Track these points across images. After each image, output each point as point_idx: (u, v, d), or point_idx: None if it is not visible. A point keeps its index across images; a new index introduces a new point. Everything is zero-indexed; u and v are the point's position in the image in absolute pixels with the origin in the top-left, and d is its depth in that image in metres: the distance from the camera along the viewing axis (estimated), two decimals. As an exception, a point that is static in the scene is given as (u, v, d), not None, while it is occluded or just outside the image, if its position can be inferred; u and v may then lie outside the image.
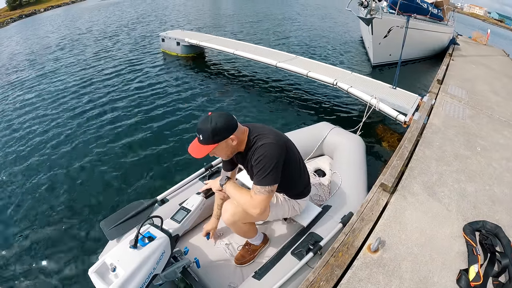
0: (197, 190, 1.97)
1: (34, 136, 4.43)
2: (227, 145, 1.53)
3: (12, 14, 28.44)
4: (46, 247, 2.66)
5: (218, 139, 1.47)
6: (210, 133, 1.44)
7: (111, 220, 1.98)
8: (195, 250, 2.08)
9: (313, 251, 1.75)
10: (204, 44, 7.08)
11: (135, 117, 4.80)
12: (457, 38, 11.01)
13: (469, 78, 6.00)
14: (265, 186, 1.49)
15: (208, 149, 1.48)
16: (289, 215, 1.94)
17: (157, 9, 17.64)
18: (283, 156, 1.55)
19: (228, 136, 1.49)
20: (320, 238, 1.86)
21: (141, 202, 2.15)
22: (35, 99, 5.80)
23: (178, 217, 1.70)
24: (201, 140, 1.49)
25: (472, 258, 1.73)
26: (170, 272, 1.56)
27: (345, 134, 2.96)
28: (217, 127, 1.45)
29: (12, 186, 3.43)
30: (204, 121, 1.48)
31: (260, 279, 1.66)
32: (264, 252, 2.08)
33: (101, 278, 1.31)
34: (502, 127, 3.77)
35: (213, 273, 1.93)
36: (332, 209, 2.10)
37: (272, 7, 19.86)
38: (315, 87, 6.06)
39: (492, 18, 63.04)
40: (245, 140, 1.58)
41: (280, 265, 1.73)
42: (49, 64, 8.06)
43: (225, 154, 1.60)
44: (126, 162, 3.72)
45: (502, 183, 2.60)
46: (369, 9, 6.31)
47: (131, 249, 1.39)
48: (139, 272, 1.33)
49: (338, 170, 2.51)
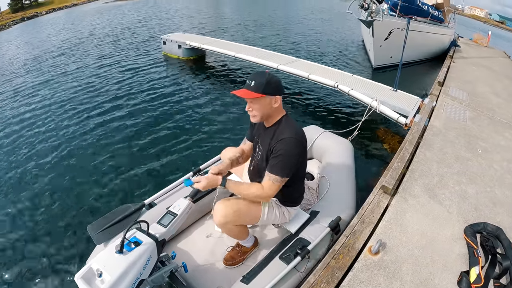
0: (185, 194, 1.95)
1: (26, 138, 4.44)
2: (269, 104, 1.61)
3: (14, 16, 28.60)
4: (33, 251, 2.64)
5: (267, 91, 1.56)
6: (264, 82, 1.55)
7: (99, 224, 1.96)
8: (183, 255, 2.07)
9: (300, 255, 1.75)
10: (205, 47, 7.11)
11: (130, 119, 4.81)
12: (458, 40, 11.01)
13: (470, 80, 6.01)
14: (283, 177, 1.59)
15: (255, 95, 1.55)
16: (278, 222, 1.93)
17: (158, 12, 17.72)
18: (301, 157, 1.65)
19: (276, 94, 1.60)
20: (308, 242, 1.85)
21: (129, 206, 2.14)
22: (30, 101, 5.82)
23: (165, 221, 1.69)
24: (251, 86, 1.56)
25: (473, 260, 1.73)
26: (157, 277, 1.56)
27: (334, 138, 2.96)
28: (272, 81, 1.58)
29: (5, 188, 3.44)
30: (260, 72, 1.61)
31: (248, 283, 1.66)
32: (253, 255, 2.08)
33: (88, 283, 1.31)
34: (503, 129, 3.78)
35: (201, 277, 1.92)
36: (320, 214, 2.09)
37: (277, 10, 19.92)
38: (316, 90, 6.08)
39: (493, 19, 62.98)
40: (278, 116, 1.69)
41: (268, 269, 1.73)
42: (48, 67, 8.10)
43: (261, 113, 1.63)
44: (115, 165, 3.70)
45: (503, 185, 2.60)
46: (370, 12, 6.33)
47: (117, 254, 1.39)
48: (126, 277, 1.33)
49: (326, 174, 2.50)
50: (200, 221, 2.37)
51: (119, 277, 1.31)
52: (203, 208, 2.32)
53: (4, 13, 31.85)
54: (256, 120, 1.68)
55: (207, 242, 2.19)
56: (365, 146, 4.12)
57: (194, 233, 2.27)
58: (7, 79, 7.53)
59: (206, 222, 2.35)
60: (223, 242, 2.16)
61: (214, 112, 5.12)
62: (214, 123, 4.75)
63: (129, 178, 3.46)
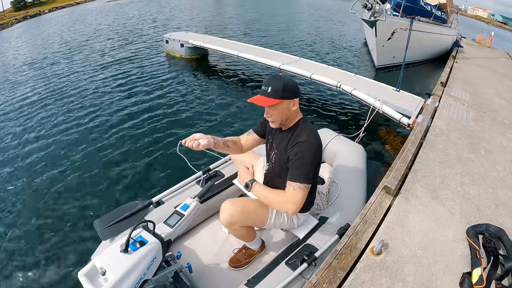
0: (193, 193, 1.94)
1: (34, 135, 4.48)
2: (287, 108, 1.58)
3: (17, 15, 28.61)
4: (38, 244, 2.68)
5: (285, 95, 1.53)
6: (281, 87, 1.51)
7: (105, 220, 1.96)
8: (188, 255, 2.06)
9: (307, 262, 1.73)
10: (207, 46, 7.11)
11: (136, 117, 4.83)
12: (461, 40, 10.98)
13: (473, 80, 5.99)
14: (306, 184, 1.53)
15: (274, 102, 1.52)
16: (286, 227, 1.91)
17: (161, 11, 17.73)
18: (318, 160, 1.63)
19: (293, 98, 1.57)
20: (316, 249, 1.83)
21: (136, 203, 2.14)
22: (35, 98, 5.87)
23: (171, 221, 1.67)
24: (268, 93, 1.53)
25: (475, 261, 1.73)
26: (162, 277, 1.55)
27: (346, 142, 2.89)
28: (289, 84, 1.54)
29: (7, 184, 3.47)
30: (275, 77, 1.56)
31: (252, 287, 1.64)
32: (258, 259, 2.06)
33: (91, 281, 1.30)
34: (506, 130, 3.76)
35: (205, 278, 1.91)
36: (329, 220, 2.06)
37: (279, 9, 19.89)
38: (319, 89, 6.07)
39: (496, 20, 62.71)
40: (295, 119, 1.67)
41: (273, 275, 1.70)
42: (50, 64, 8.15)
43: (280, 118, 1.61)
44: (122, 162, 3.74)
45: (506, 186, 2.59)
46: (373, 12, 6.32)
47: (122, 253, 1.38)
48: (129, 277, 1.32)
49: (337, 179, 2.44)
50: (207, 222, 2.36)
51: (123, 277, 1.31)
52: (210, 208, 2.30)
53: (7, 11, 31.88)
54: (276, 125, 1.65)
55: (214, 243, 2.17)
56: (367, 146, 4.11)
57: (201, 233, 2.26)
58: (7, 79, 7.54)
59: (213, 223, 2.34)
60: (230, 244, 2.15)
61: (218, 111, 5.14)
62: (218, 122, 4.77)
63: (136, 175, 3.49)
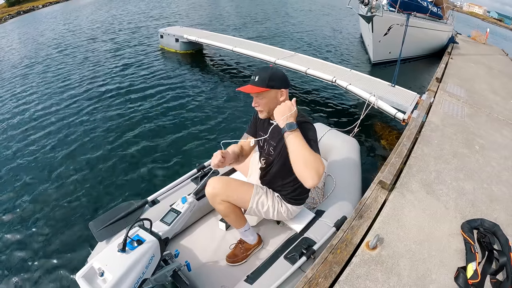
0: (188, 191, 1.91)
1: (27, 134, 4.39)
2: (275, 97, 1.58)
3: (11, 10, 28.10)
4: (34, 246, 2.62)
5: (272, 84, 1.53)
6: (267, 76, 1.52)
7: (101, 221, 1.93)
8: (186, 253, 2.05)
9: (306, 256, 1.73)
10: (202, 41, 7.05)
11: (130, 114, 4.77)
12: (456, 36, 11.02)
13: (468, 77, 6.00)
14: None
15: (259, 90, 1.53)
16: (275, 218, 1.90)
17: (156, 6, 17.52)
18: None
19: (281, 87, 1.57)
20: (314, 242, 1.83)
21: (131, 202, 2.11)
22: (29, 96, 5.77)
23: (168, 219, 1.65)
24: (256, 81, 1.54)
25: (470, 256, 1.73)
26: (160, 276, 1.53)
27: (341, 136, 2.92)
28: (276, 74, 1.55)
29: (4, 184, 3.40)
30: (264, 67, 1.59)
31: (252, 283, 1.63)
32: (256, 254, 2.06)
33: (89, 283, 1.27)
34: (501, 126, 3.78)
35: (204, 276, 1.90)
36: (325, 214, 2.07)
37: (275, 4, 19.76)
38: (314, 84, 6.05)
39: (492, 17, 63.05)
40: None
41: (272, 269, 1.70)
42: (43, 60, 8.02)
43: (267, 107, 1.60)
44: (118, 161, 3.67)
45: (500, 181, 2.60)
46: (370, 7, 6.31)
47: (120, 253, 1.36)
48: (128, 276, 1.30)
49: (332, 173, 2.47)
50: (204, 219, 2.35)
51: (121, 277, 1.28)
52: (206, 206, 2.27)
53: (0, 7, 31.33)
54: (264, 115, 1.65)
55: (211, 241, 2.17)
56: (362, 141, 4.11)
57: (198, 230, 2.25)
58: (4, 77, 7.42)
59: (210, 220, 2.34)
60: (227, 241, 2.15)
61: (214, 106, 5.09)
62: (214, 117, 4.72)
63: (131, 174, 3.43)
